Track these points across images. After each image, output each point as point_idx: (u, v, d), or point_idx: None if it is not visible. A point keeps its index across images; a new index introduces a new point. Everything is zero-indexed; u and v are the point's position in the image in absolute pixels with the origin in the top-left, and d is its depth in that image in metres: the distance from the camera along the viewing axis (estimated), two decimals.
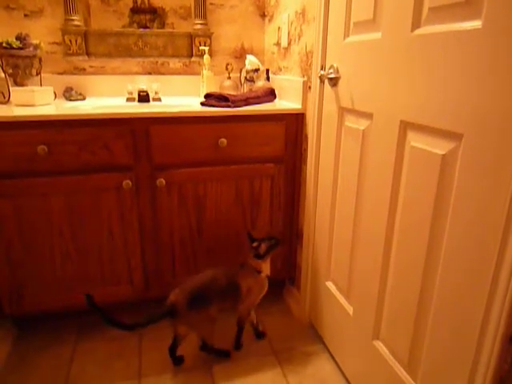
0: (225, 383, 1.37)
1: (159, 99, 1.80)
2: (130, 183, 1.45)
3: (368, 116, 1.15)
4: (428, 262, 0.94)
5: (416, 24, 0.91)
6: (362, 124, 1.19)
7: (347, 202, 1.30)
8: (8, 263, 1.43)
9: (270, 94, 1.74)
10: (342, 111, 1.30)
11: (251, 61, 1.83)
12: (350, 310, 1.33)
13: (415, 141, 0.96)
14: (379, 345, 1.18)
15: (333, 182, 1.38)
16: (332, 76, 1.28)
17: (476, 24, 0.75)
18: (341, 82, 1.27)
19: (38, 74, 1.71)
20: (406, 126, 0.99)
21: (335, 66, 1.28)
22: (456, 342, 0.86)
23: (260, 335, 1.58)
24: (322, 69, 1.37)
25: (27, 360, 1.47)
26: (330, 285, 1.48)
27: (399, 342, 1.08)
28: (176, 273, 1.63)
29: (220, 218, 1.61)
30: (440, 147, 0.88)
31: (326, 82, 1.34)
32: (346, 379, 1.38)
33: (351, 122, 1.25)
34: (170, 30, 1.91)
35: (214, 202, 1.58)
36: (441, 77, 0.85)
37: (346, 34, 1.23)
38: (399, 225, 1.05)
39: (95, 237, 1.49)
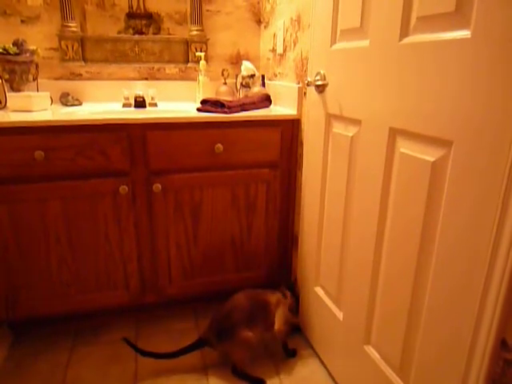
0: None
1: (155, 104, 1.81)
2: (127, 188, 1.45)
3: (356, 123, 1.16)
4: (419, 267, 0.95)
5: (404, 33, 0.93)
6: (350, 131, 1.19)
7: (336, 209, 1.31)
8: (4, 268, 1.43)
9: (266, 100, 1.75)
10: (330, 118, 1.31)
11: (247, 67, 1.84)
12: (339, 315, 1.34)
13: (405, 147, 0.98)
14: (370, 350, 1.18)
15: (321, 189, 1.39)
16: (319, 83, 1.29)
17: (465, 33, 0.77)
18: (328, 89, 1.29)
19: (34, 79, 1.72)
20: (395, 133, 1.01)
21: (322, 72, 1.30)
22: (448, 345, 0.87)
23: (291, 353, 1.53)
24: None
25: (23, 365, 1.46)
26: (318, 290, 1.48)
27: (391, 347, 1.08)
28: (172, 278, 1.63)
29: (216, 223, 1.62)
30: (430, 154, 0.89)
31: (313, 88, 1.35)
32: None
33: (339, 128, 1.26)
34: (167, 36, 1.92)
35: (210, 207, 1.59)
36: (430, 85, 0.86)
37: (333, 41, 1.24)
38: (389, 231, 1.06)
39: (91, 242, 1.49)
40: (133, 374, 1.43)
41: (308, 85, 1.33)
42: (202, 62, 1.85)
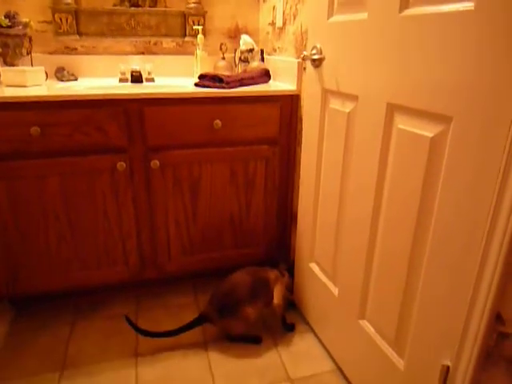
0: (221, 361, 1.41)
1: (152, 80, 1.78)
2: (125, 165, 1.44)
3: (353, 98, 1.14)
4: (416, 242, 0.96)
5: (404, 5, 0.91)
6: (347, 107, 1.18)
7: (332, 185, 1.31)
8: (3, 245, 1.44)
9: (265, 75, 1.72)
10: (326, 93, 1.28)
11: (246, 41, 1.80)
12: (334, 290, 1.35)
13: (402, 123, 0.97)
14: (365, 324, 1.20)
15: (317, 165, 1.38)
16: (315, 57, 1.26)
17: (468, 5, 0.75)
18: (325, 63, 1.26)
19: (28, 53, 1.68)
20: (392, 109, 0.99)
21: (318, 46, 1.27)
22: (444, 319, 0.88)
23: (289, 327, 1.56)
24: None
25: (25, 340, 1.49)
26: (313, 266, 1.49)
27: (386, 321, 1.10)
28: (171, 254, 1.64)
29: (215, 199, 1.62)
30: (428, 130, 0.88)
31: (309, 62, 1.32)
32: (332, 358, 1.41)
33: (336, 104, 1.24)
34: (163, 9, 1.87)
35: (209, 183, 1.59)
36: (431, 59, 0.84)
37: (330, 14, 1.20)
38: (386, 207, 1.06)
39: (90, 218, 1.50)
40: (133, 349, 1.45)
41: (304, 59, 1.30)
42: (200, 36, 1.80)
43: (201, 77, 1.59)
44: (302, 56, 1.29)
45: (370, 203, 1.11)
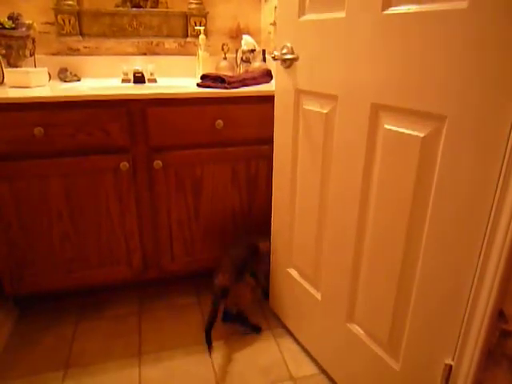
0: (224, 360, 1.41)
1: (155, 80, 1.79)
2: (128, 165, 1.45)
3: (332, 98, 1.09)
4: (410, 239, 0.92)
5: (387, 3, 0.87)
6: (324, 107, 1.13)
7: (310, 190, 1.25)
8: (7, 244, 1.45)
9: (267, 75, 1.73)
10: (299, 94, 1.23)
11: (247, 41, 1.81)
12: (317, 295, 1.31)
13: (389, 123, 0.93)
14: (354, 327, 1.16)
15: (291, 167, 1.33)
16: (288, 57, 1.20)
17: (461, 4, 0.73)
18: (298, 63, 1.20)
19: (31, 54, 1.69)
20: (377, 108, 0.96)
21: (289, 45, 1.21)
22: (444, 316, 0.87)
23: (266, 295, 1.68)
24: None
25: (29, 340, 1.49)
26: (291, 271, 1.45)
27: (377, 323, 1.06)
28: (174, 254, 1.65)
29: (217, 199, 1.63)
30: (419, 129, 0.85)
31: (279, 63, 1.27)
32: (317, 363, 1.38)
33: (311, 105, 1.19)
34: (165, 10, 1.88)
35: (211, 183, 1.59)
36: (421, 57, 0.82)
37: (302, 13, 1.15)
38: (374, 211, 1.02)
39: (93, 218, 1.50)
40: (137, 348, 1.46)
41: (275, 59, 1.24)
42: (202, 37, 1.81)
43: (203, 77, 1.60)
44: (272, 56, 1.23)
45: (355, 209, 1.06)
